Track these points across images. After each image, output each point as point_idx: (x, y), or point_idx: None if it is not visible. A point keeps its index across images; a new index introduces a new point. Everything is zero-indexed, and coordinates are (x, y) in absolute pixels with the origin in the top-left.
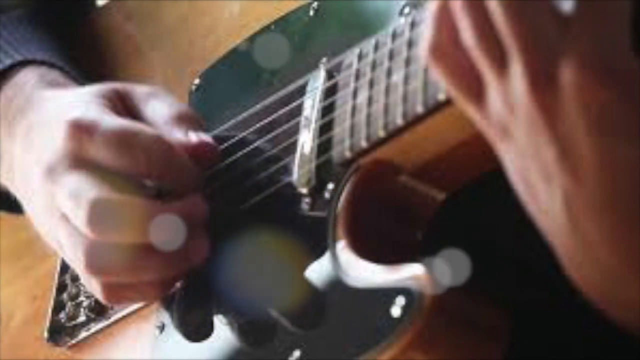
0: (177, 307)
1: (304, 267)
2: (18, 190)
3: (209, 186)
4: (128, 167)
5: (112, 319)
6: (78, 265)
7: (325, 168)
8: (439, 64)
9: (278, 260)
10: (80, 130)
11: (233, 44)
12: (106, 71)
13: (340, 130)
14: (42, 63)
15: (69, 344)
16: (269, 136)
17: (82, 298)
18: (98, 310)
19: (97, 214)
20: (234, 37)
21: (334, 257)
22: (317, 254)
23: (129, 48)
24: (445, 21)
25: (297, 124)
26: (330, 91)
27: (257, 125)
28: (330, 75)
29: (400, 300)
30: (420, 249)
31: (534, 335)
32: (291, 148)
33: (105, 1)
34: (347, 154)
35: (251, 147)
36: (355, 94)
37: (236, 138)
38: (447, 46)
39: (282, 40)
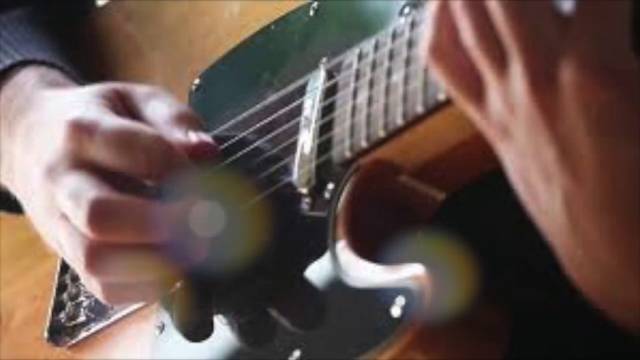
0: (177, 307)
1: (304, 267)
2: (18, 190)
3: None
4: (128, 167)
5: (112, 319)
6: (78, 265)
7: (325, 168)
8: (439, 64)
9: (278, 260)
10: (81, 130)
11: (233, 44)
12: (106, 71)
13: (340, 130)
14: (42, 63)
15: (69, 344)
16: (269, 136)
17: (82, 298)
18: (98, 310)
19: (97, 214)
20: (234, 37)
21: (334, 257)
22: (317, 254)
23: (129, 48)
24: (445, 21)
25: (297, 124)
26: (330, 91)
27: (257, 125)
28: (330, 75)
29: (400, 300)
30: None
31: (534, 335)
32: (291, 148)
33: (105, 1)
34: (347, 154)
35: (251, 147)
36: (355, 94)
37: (236, 138)
38: (447, 46)
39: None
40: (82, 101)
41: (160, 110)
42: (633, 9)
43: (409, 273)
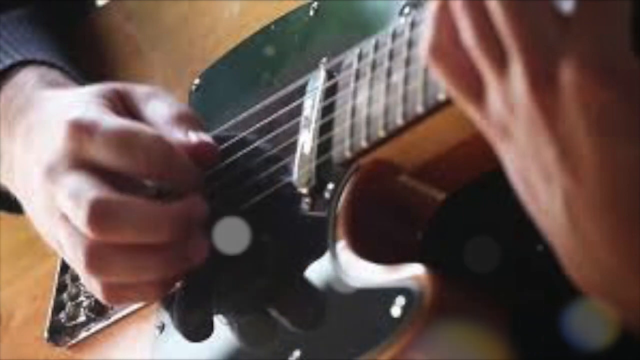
0: (177, 307)
1: (304, 267)
2: (18, 190)
3: (209, 186)
4: (128, 167)
5: (112, 319)
6: (78, 265)
7: (325, 168)
8: (439, 64)
9: (278, 260)
10: (80, 130)
11: (233, 44)
12: (106, 71)
13: (340, 130)
14: (42, 63)
15: (69, 344)
16: (269, 136)
17: (82, 298)
18: (98, 310)
19: (97, 214)
20: (234, 37)
21: (334, 257)
22: (317, 254)
23: (129, 48)
24: (445, 21)
25: (297, 124)
26: (330, 91)
27: (257, 125)
28: (330, 75)
29: (400, 300)
30: (420, 249)
31: (534, 335)
32: (291, 148)
33: (105, 1)
34: (347, 154)
35: (251, 147)
36: (355, 94)
37: (236, 138)
38: (447, 46)
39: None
40: (82, 101)
41: (160, 110)
42: (633, 9)
43: (409, 273)
